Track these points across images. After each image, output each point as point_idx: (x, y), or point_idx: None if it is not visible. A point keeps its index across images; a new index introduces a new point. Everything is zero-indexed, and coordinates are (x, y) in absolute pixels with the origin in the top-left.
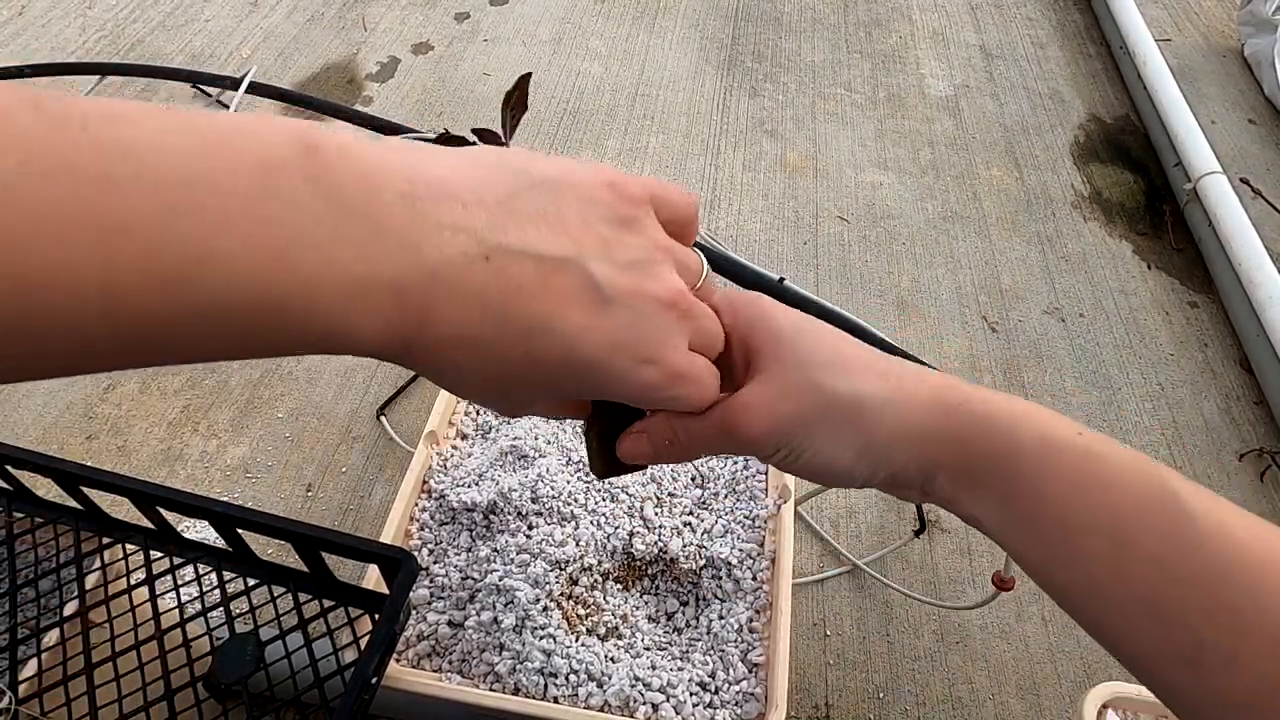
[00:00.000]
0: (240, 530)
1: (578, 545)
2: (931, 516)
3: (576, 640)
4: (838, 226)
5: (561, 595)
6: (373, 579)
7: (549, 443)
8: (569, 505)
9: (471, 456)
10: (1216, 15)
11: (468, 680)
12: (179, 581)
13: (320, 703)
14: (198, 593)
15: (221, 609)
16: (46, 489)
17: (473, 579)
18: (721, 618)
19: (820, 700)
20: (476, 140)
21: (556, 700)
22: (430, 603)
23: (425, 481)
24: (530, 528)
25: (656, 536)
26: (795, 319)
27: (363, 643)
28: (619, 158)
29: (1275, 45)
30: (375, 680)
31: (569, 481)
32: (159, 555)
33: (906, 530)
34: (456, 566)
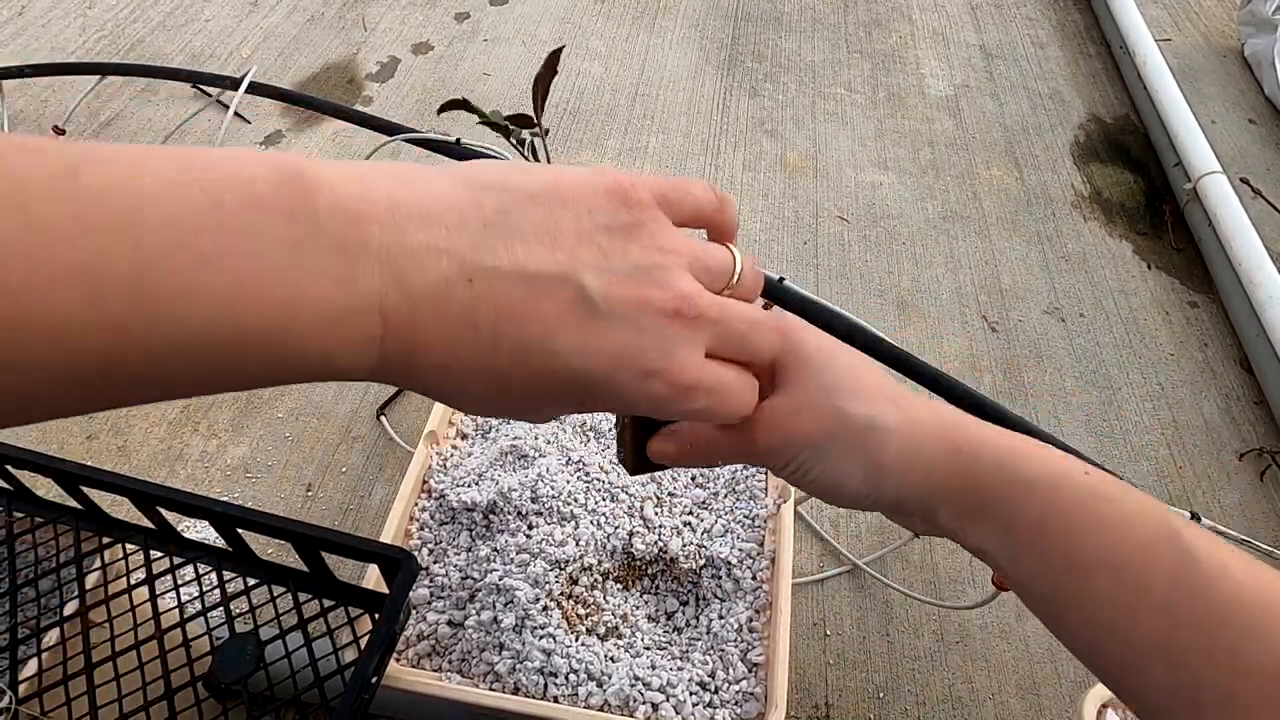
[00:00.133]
0: (240, 530)
1: (578, 545)
2: None
3: (576, 640)
4: (838, 226)
5: (561, 595)
6: (373, 579)
7: (549, 442)
8: (569, 505)
9: (471, 456)
10: (1216, 15)
11: (468, 680)
12: (179, 581)
13: (320, 702)
14: (198, 592)
15: (221, 609)
16: (46, 489)
17: (473, 579)
18: (721, 617)
19: (820, 700)
20: (509, 126)
21: (556, 700)
22: (430, 602)
23: (425, 481)
24: (530, 527)
25: (656, 536)
26: (824, 342)
27: (363, 642)
28: (619, 158)
29: (1275, 45)
30: (375, 680)
31: (569, 481)
32: (159, 555)
33: (906, 530)
34: (456, 566)
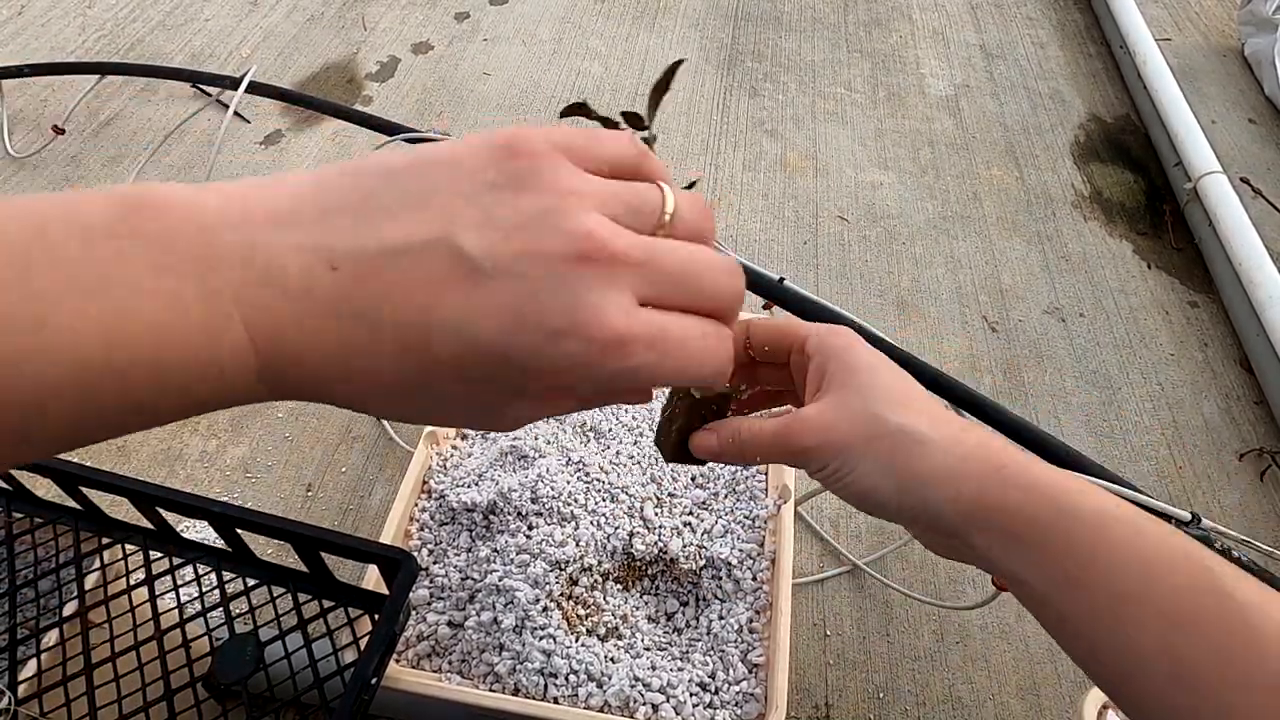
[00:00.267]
0: (240, 530)
1: (578, 545)
2: None
3: (576, 640)
4: (838, 226)
5: (561, 595)
6: (372, 579)
7: (549, 443)
8: (569, 505)
9: (471, 457)
10: (1216, 15)
11: (468, 680)
12: (179, 581)
13: (320, 703)
14: (197, 593)
15: (221, 609)
16: (46, 489)
17: (472, 579)
18: (721, 618)
19: (820, 700)
20: (623, 123)
21: (556, 700)
22: (430, 603)
23: (425, 481)
24: (530, 528)
25: (656, 537)
26: (875, 359)
27: (362, 643)
28: None
29: (1275, 45)
30: (375, 680)
31: (569, 482)
32: (159, 555)
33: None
34: (456, 567)
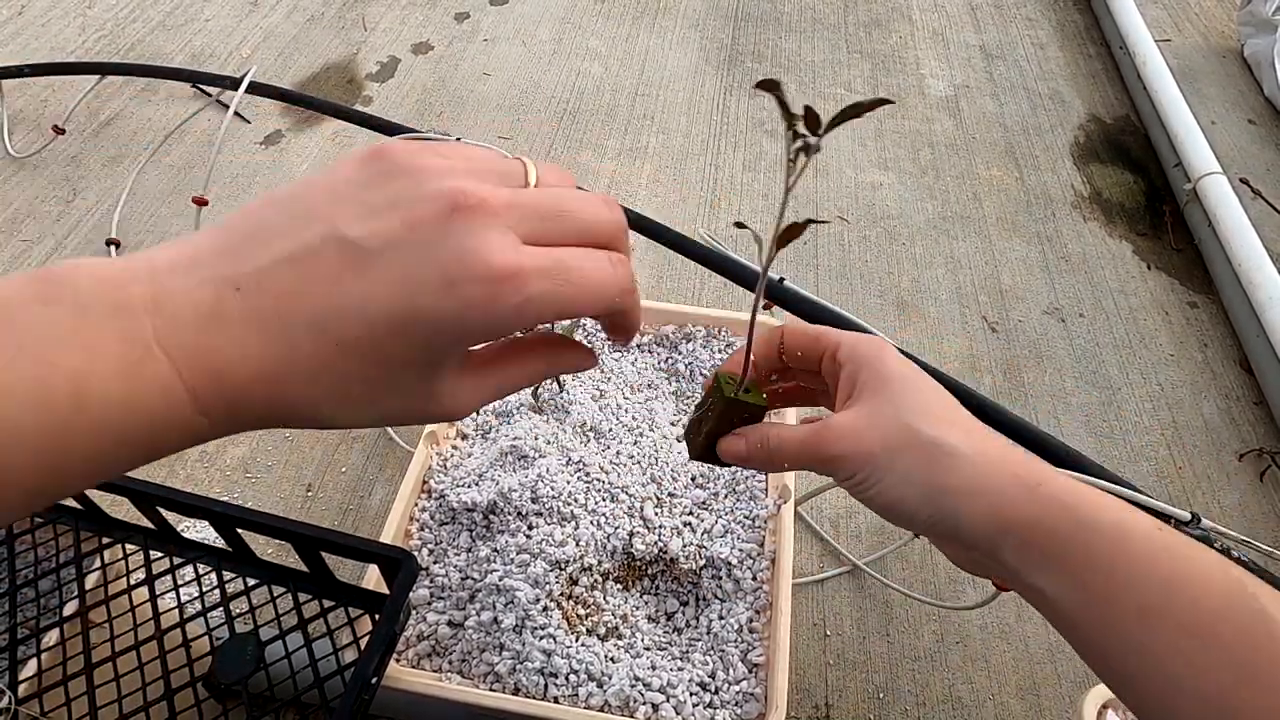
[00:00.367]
0: (240, 530)
1: (578, 545)
2: None
3: (576, 640)
4: (838, 226)
5: (561, 595)
6: (373, 579)
7: (549, 443)
8: (569, 505)
9: (471, 456)
10: (1216, 15)
11: (468, 680)
12: (179, 581)
13: (320, 703)
14: (198, 593)
15: (221, 609)
16: None
17: (473, 579)
18: (721, 618)
19: (820, 700)
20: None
21: (556, 700)
22: (430, 603)
23: (425, 481)
24: (530, 528)
25: (656, 536)
26: (907, 370)
27: (363, 643)
28: (619, 157)
29: (1275, 46)
30: (375, 680)
31: (569, 481)
32: (159, 555)
33: (907, 531)
34: (456, 566)
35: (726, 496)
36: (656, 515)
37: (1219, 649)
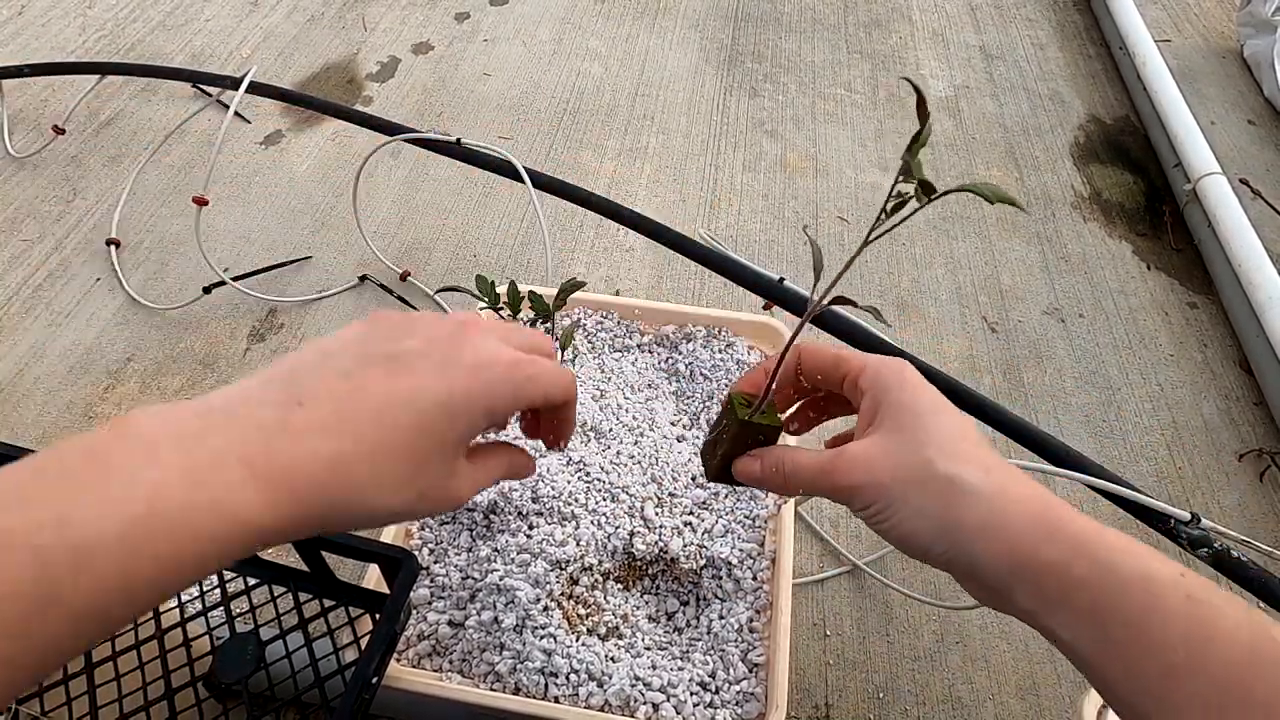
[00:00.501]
0: None
1: (578, 545)
2: None
3: (577, 640)
4: (838, 226)
5: (562, 595)
6: (373, 579)
7: None
8: (569, 505)
9: None
10: (1216, 16)
11: (468, 680)
12: None
13: (320, 702)
14: (198, 592)
15: (221, 609)
16: None
17: (473, 579)
18: (722, 618)
19: (820, 700)
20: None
21: (557, 700)
22: (430, 602)
23: None
24: (531, 528)
25: (657, 536)
26: (930, 398)
27: (363, 642)
28: (619, 158)
29: (1275, 46)
30: (375, 680)
31: (569, 481)
32: None
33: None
34: (457, 566)
35: (727, 496)
36: (657, 515)
37: (1248, 706)
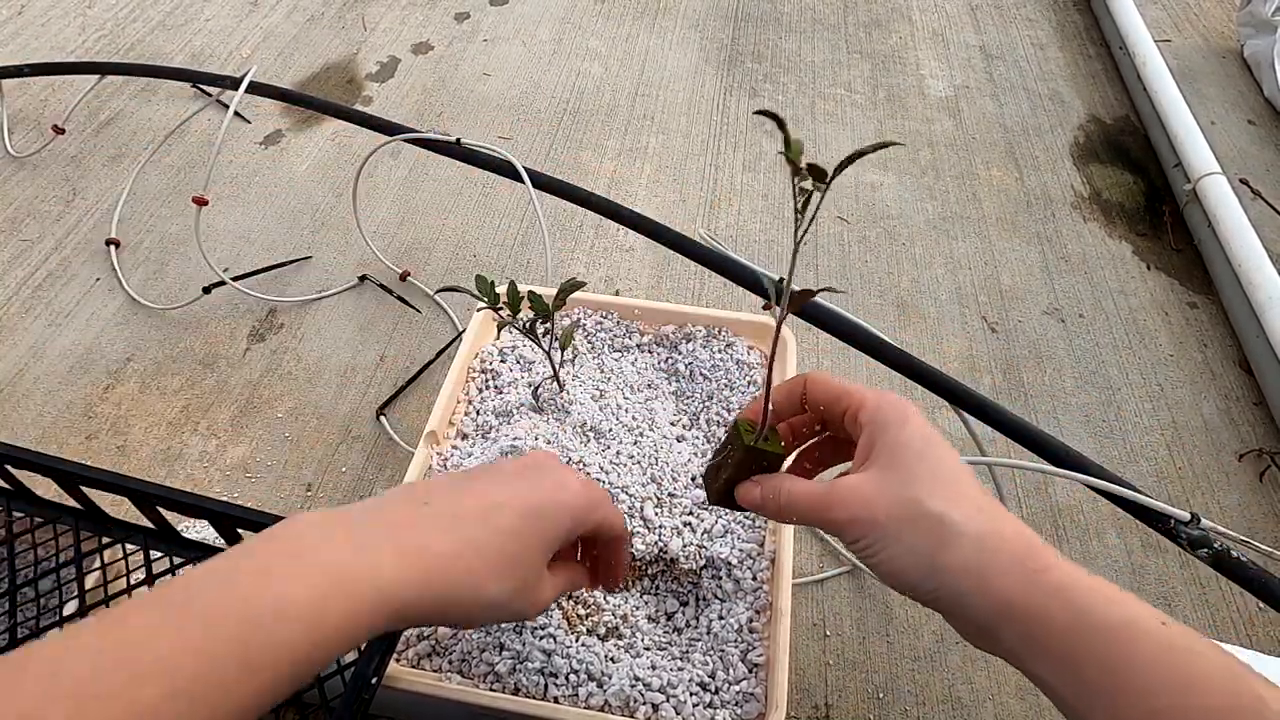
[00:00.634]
0: (241, 530)
1: None
2: None
3: (576, 640)
4: (837, 226)
5: (561, 595)
6: None
7: (549, 443)
8: None
9: (471, 457)
10: (1216, 16)
11: (468, 680)
12: None
13: (320, 702)
14: None
15: None
16: (46, 489)
17: None
18: (721, 618)
19: (820, 700)
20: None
21: (557, 700)
22: None
23: None
24: None
25: (656, 536)
26: (927, 436)
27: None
28: (619, 158)
29: (1275, 46)
30: (375, 680)
31: None
32: (159, 555)
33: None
34: None
35: None
36: (656, 515)
37: None
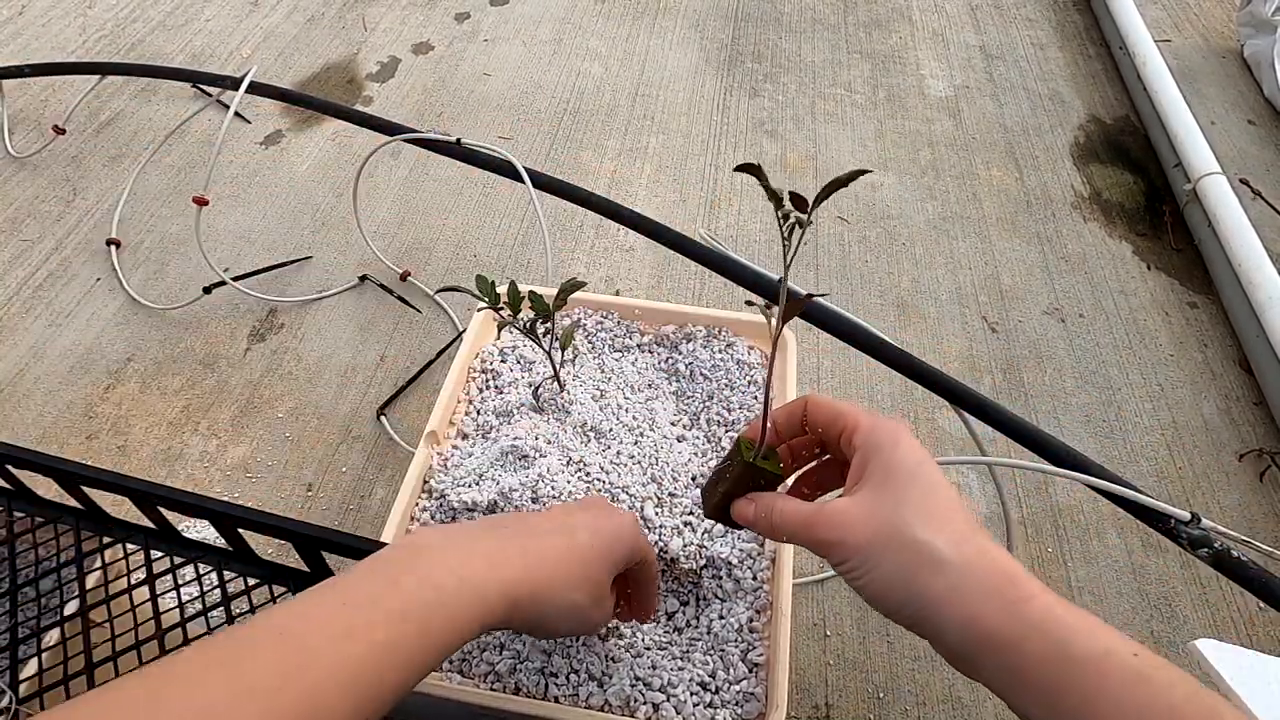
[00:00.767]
0: (241, 530)
1: None
2: None
3: (577, 640)
4: (838, 226)
5: None
6: None
7: (549, 443)
8: None
9: (472, 456)
10: (1216, 16)
11: (468, 680)
12: (179, 581)
13: None
14: (198, 592)
15: (222, 608)
16: (46, 489)
17: None
18: (722, 618)
19: (820, 700)
20: (786, 203)
21: (557, 700)
22: None
23: (426, 481)
24: None
25: (657, 536)
26: (918, 461)
27: None
28: (619, 158)
29: (1275, 46)
30: None
31: (569, 482)
32: (159, 555)
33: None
34: None
35: None
36: (657, 515)
37: None
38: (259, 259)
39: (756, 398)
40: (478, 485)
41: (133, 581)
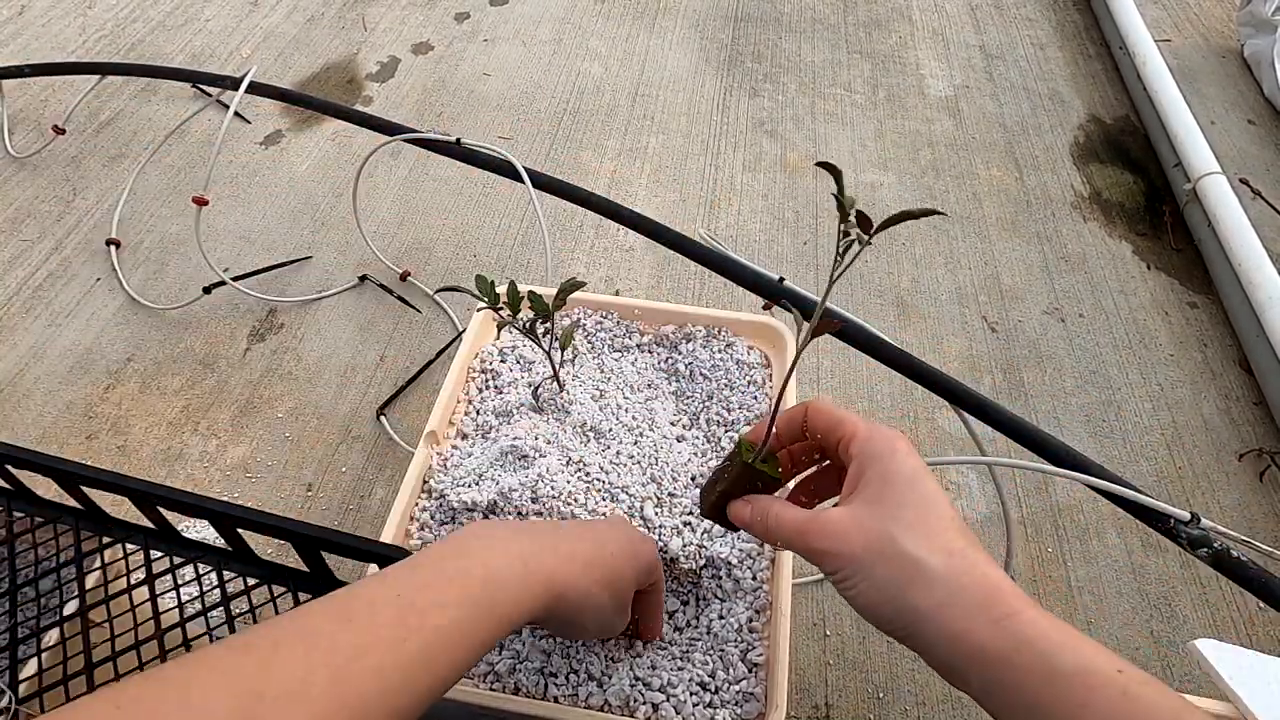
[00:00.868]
0: (241, 530)
1: None
2: None
3: (577, 640)
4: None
5: None
6: None
7: (549, 443)
8: (569, 505)
9: (471, 456)
10: (1216, 16)
11: (468, 679)
12: (179, 581)
13: None
14: (198, 592)
15: (222, 608)
16: (46, 488)
17: None
18: (721, 617)
19: (820, 700)
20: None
21: (556, 700)
22: None
23: (425, 481)
24: None
25: (656, 536)
26: (913, 471)
27: None
28: (619, 158)
29: (1275, 46)
30: None
31: (569, 482)
32: (159, 555)
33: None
34: None
35: None
36: (656, 515)
37: None
38: (259, 259)
39: (756, 398)
40: (477, 485)
41: (132, 581)
